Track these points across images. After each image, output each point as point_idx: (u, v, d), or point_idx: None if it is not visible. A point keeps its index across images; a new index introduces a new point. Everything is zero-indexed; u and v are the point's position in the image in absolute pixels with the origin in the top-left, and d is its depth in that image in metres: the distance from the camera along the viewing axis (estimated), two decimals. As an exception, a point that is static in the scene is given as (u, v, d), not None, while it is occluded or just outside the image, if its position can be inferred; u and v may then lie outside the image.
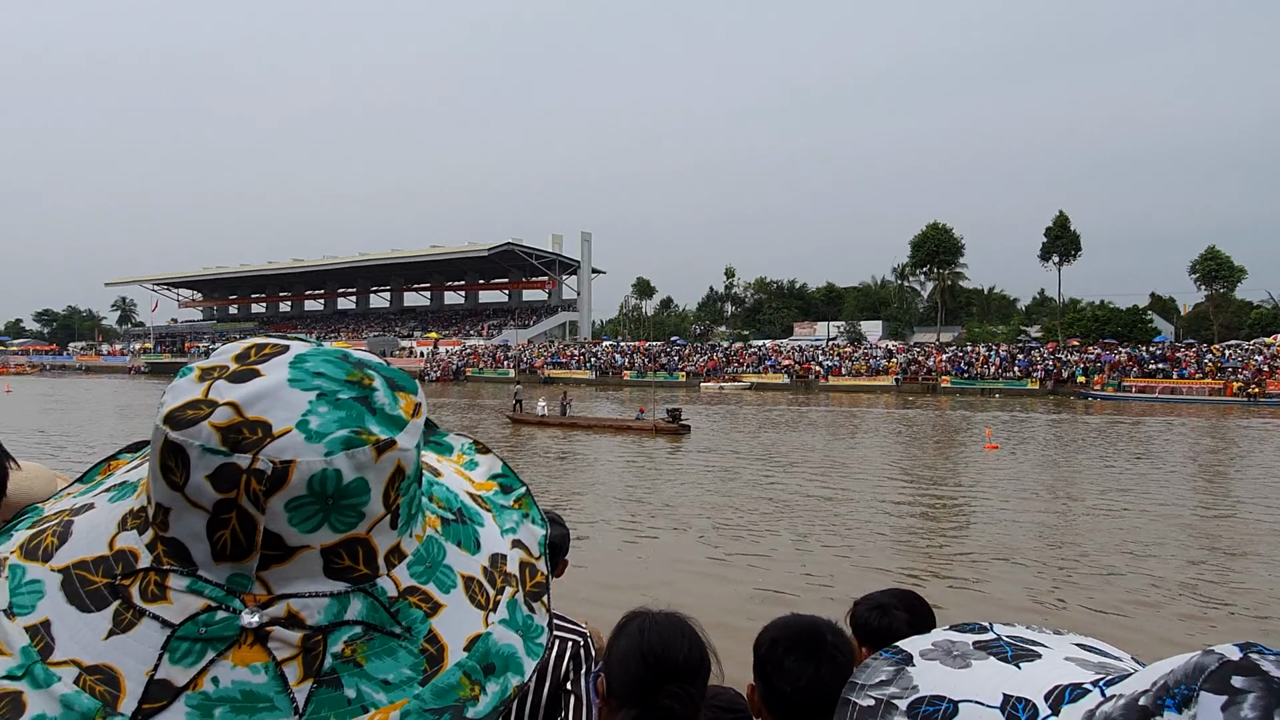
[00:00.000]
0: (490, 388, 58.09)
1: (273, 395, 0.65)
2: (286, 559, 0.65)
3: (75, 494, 0.85)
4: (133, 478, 0.79)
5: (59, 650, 0.66)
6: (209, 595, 0.65)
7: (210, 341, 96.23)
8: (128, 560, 0.68)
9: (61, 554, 0.72)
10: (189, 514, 0.65)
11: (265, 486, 0.62)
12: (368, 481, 0.66)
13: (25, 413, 34.98)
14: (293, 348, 0.71)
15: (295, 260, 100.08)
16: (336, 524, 0.65)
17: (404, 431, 0.69)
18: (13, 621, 0.68)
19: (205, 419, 0.63)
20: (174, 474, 0.64)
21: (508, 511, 0.88)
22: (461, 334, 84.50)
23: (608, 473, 19.05)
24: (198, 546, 0.65)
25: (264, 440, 0.63)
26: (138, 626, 0.65)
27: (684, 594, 8.76)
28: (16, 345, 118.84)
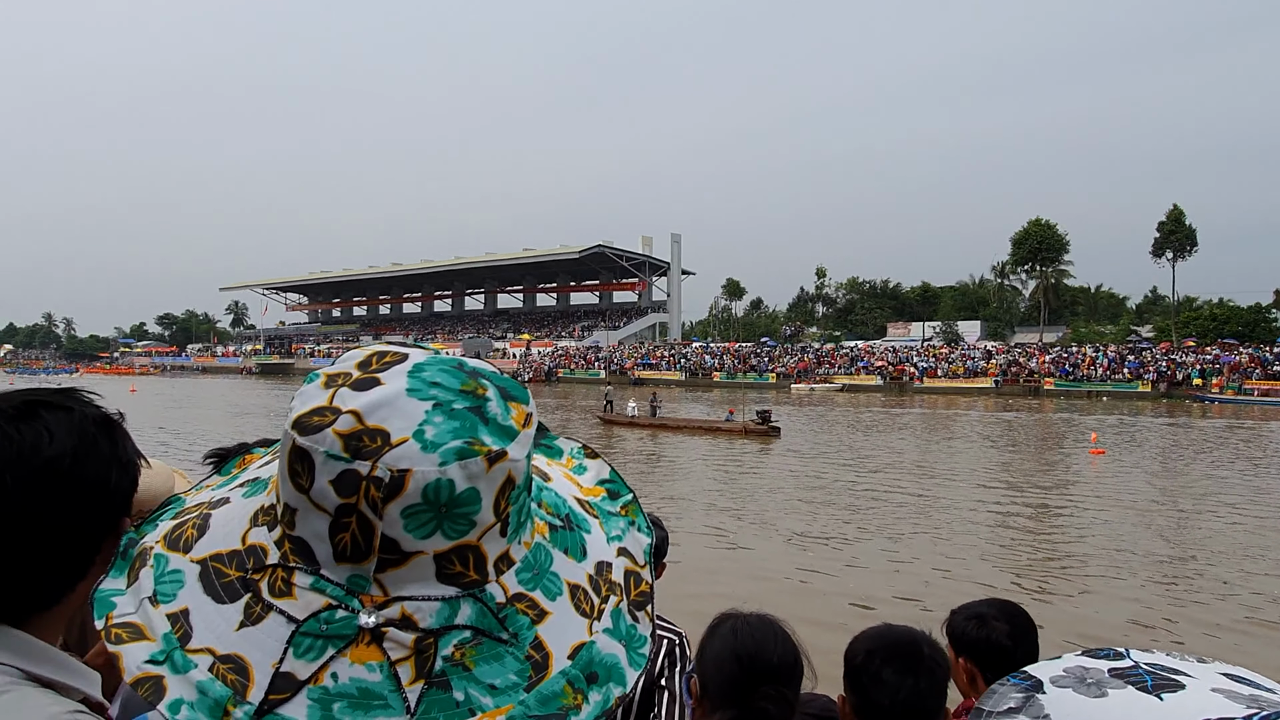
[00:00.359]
0: (581, 389, 59.17)
1: (391, 404, 0.67)
2: (402, 563, 0.67)
3: (213, 486, 0.90)
4: (264, 474, 0.83)
5: (196, 638, 0.70)
6: (330, 594, 0.68)
7: (315, 343, 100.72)
8: (258, 555, 0.73)
9: (200, 546, 0.77)
10: (313, 516, 0.68)
11: (383, 493, 0.65)
12: (479, 491, 0.68)
13: (148, 411, 37.03)
14: (411, 356, 0.73)
15: (394, 264, 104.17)
16: (449, 531, 0.68)
17: (515, 442, 0.70)
18: (156, 608, 0.74)
19: (329, 426, 0.67)
20: (300, 477, 0.68)
21: (614, 519, 0.89)
22: (553, 335, 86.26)
23: (696, 474, 19.17)
24: (321, 547, 0.69)
25: (383, 448, 0.65)
26: (266, 620, 0.69)
27: (771, 599, 9.06)
28: (140, 347, 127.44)
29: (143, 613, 0.74)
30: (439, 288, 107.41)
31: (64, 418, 0.94)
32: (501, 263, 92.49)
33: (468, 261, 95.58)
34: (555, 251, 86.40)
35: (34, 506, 0.88)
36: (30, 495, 0.88)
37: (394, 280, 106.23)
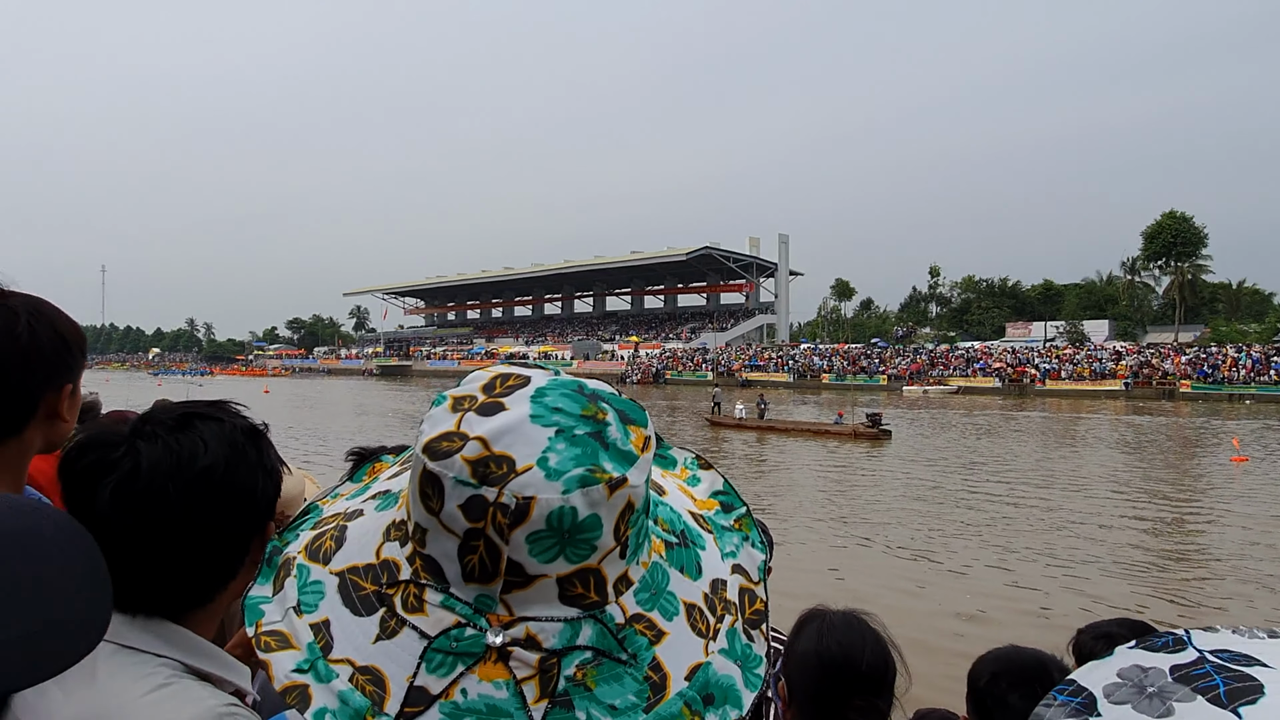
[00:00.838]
0: (689, 390, 59.72)
1: (516, 431, 0.70)
2: (527, 585, 0.69)
3: (347, 495, 0.95)
4: (394, 487, 0.86)
5: (336, 649, 0.74)
6: (459, 612, 0.71)
7: (431, 345, 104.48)
8: (391, 570, 0.76)
9: (338, 558, 0.81)
10: (443, 537, 0.71)
11: (509, 520, 0.67)
12: (600, 517, 0.69)
13: (279, 411, 38.94)
14: (533, 380, 0.76)
15: (506, 268, 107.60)
16: (571, 556, 0.69)
17: (634, 467, 0.72)
18: (300, 618, 0.77)
19: (458, 452, 0.69)
20: (431, 500, 0.71)
21: (729, 534, 0.89)
22: (661, 337, 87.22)
23: (803, 477, 19.06)
24: (450, 566, 0.72)
25: (508, 475, 0.67)
26: (400, 635, 0.72)
27: (875, 608, 8.74)
28: (272, 350, 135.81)
29: (288, 621, 0.78)
30: (549, 291, 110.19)
31: (216, 428, 1.03)
32: (609, 266, 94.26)
33: (576, 265, 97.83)
34: (662, 254, 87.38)
35: (191, 512, 0.96)
36: (188, 501, 0.96)
37: (505, 284, 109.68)
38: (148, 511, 0.95)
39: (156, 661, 0.96)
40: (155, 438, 0.99)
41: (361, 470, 1.00)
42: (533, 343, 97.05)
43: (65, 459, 1.03)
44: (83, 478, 1.00)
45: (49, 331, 1.30)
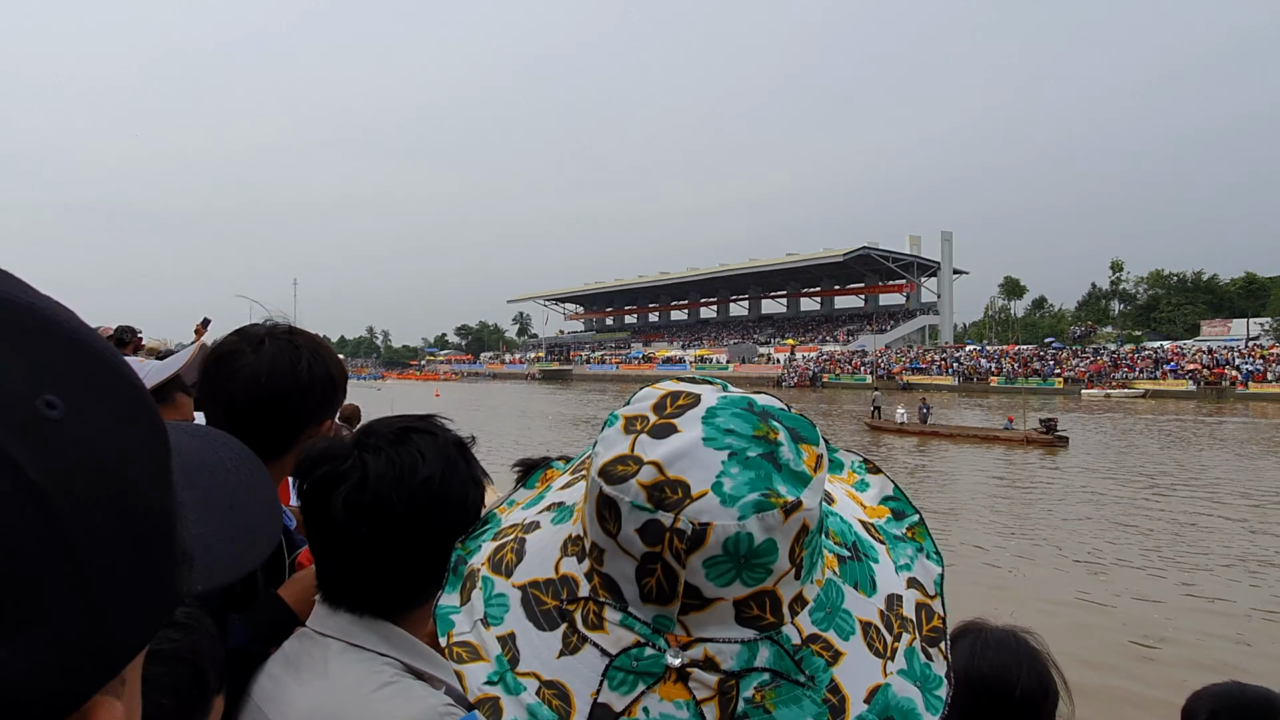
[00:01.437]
0: (847, 394, 59.01)
1: (690, 455, 0.71)
2: (704, 608, 0.70)
3: (523, 504, 0.98)
4: (568, 499, 0.88)
5: (523, 662, 0.76)
6: (639, 631, 0.72)
7: (590, 350, 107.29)
8: (570, 587, 0.78)
9: (519, 571, 0.83)
10: (620, 558, 0.72)
11: (686, 545, 0.68)
12: (776, 542, 0.70)
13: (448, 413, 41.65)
14: (703, 399, 0.76)
15: (662, 273, 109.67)
16: (747, 579, 0.70)
17: (808, 489, 0.72)
18: (487, 630, 0.80)
19: (633, 476, 0.71)
20: (608, 522, 0.72)
21: (901, 544, 0.88)
22: (818, 340, 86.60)
23: (968, 485, 18.46)
24: (628, 587, 0.73)
25: (684, 501, 0.69)
26: (582, 651, 0.74)
27: (1042, 627, 8.43)
28: (442, 356, 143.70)
29: (476, 633, 0.81)
30: (704, 294, 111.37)
31: (431, 441, 1.12)
32: (765, 268, 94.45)
33: (731, 268, 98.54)
34: (818, 255, 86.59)
35: (412, 520, 1.05)
36: (409, 510, 1.05)
37: (661, 288, 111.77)
38: (375, 519, 1.05)
39: (381, 660, 1.06)
40: (378, 450, 1.09)
41: (533, 478, 1.04)
42: (688, 346, 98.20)
43: (300, 471, 1.15)
44: (317, 488, 1.10)
45: (323, 371, 1.50)
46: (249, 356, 1.45)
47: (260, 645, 1.21)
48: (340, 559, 1.11)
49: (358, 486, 1.06)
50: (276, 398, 1.43)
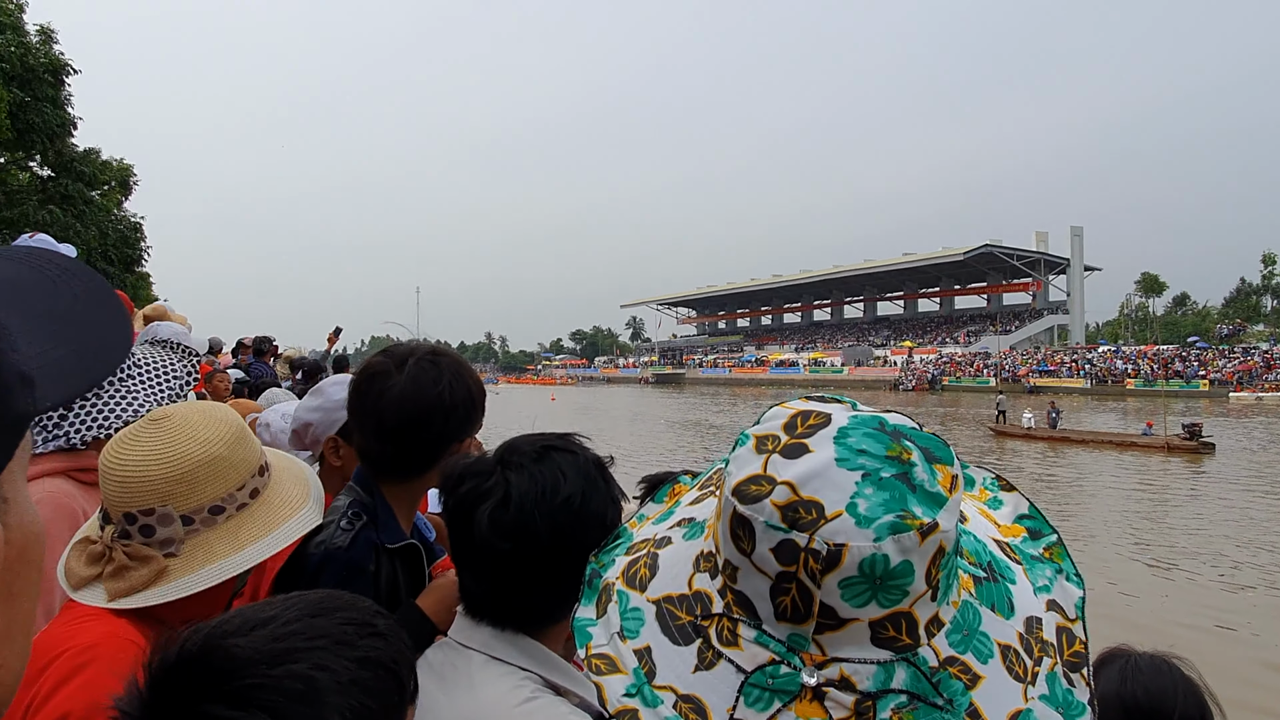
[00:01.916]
0: (969, 398, 57.20)
1: (822, 475, 0.71)
2: (839, 628, 0.70)
3: (653, 519, 1.00)
4: (698, 515, 0.89)
5: (660, 676, 0.77)
6: (773, 649, 0.72)
7: (703, 354, 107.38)
8: (704, 602, 0.78)
9: (653, 586, 0.84)
10: (754, 576, 0.73)
11: (821, 565, 0.68)
12: (912, 563, 0.69)
13: (563, 418, 41.54)
14: (834, 418, 0.76)
15: (774, 276, 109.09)
16: (883, 601, 0.70)
17: (944, 510, 0.71)
18: (624, 643, 0.81)
19: (767, 496, 0.71)
20: (742, 541, 0.73)
21: (1039, 565, 0.87)
22: (937, 342, 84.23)
23: (1102, 495, 17.51)
24: (762, 605, 0.73)
25: (818, 521, 0.69)
26: (717, 667, 0.74)
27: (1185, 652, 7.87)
28: (558, 360, 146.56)
29: (613, 645, 0.82)
30: (818, 297, 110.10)
31: (571, 460, 1.13)
32: (880, 269, 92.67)
33: (845, 269, 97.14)
34: (937, 255, 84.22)
35: (554, 537, 1.06)
36: (552, 528, 1.06)
37: (774, 291, 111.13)
38: (518, 536, 1.07)
39: (522, 675, 1.08)
40: (521, 468, 1.11)
41: (662, 492, 1.08)
42: (802, 349, 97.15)
43: (445, 486, 1.18)
44: (462, 504, 1.13)
45: (465, 392, 1.55)
46: (395, 377, 1.52)
47: None
48: (484, 574, 1.14)
49: (501, 504, 1.09)
50: (421, 417, 1.49)
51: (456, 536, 1.17)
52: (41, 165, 21.32)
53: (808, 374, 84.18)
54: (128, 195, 25.27)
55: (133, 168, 25.13)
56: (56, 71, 20.22)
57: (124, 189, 24.93)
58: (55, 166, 21.44)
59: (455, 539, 1.18)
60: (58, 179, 21.38)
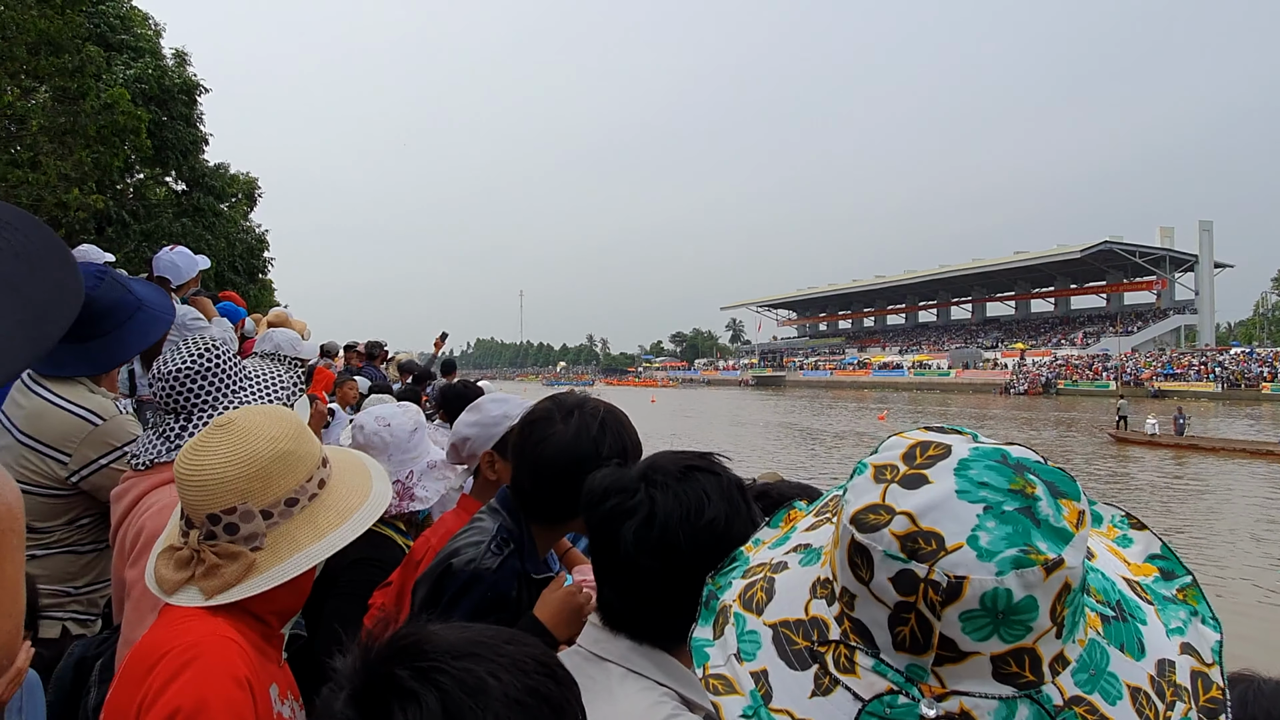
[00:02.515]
0: (1086, 402, 54.69)
1: (942, 507, 0.71)
2: (959, 660, 0.70)
3: (769, 542, 1.01)
4: (814, 541, 0.90)
5: (776, 699, 0.78)
6: (891, 679, 0.72)
7: (803, 356, 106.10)
8: (821, 629, 0.79)
9: (770, 610, 0.85)
10: (872, 605, 0.73)
11: (941, 597, 0.68)
12: (1037, 599, 0.69)
13: (664, 420, 41.95)
14: (954, 450, 0.76)
15: (877, 277, 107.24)
16: (1005, 635, 0.69)
17: (1070, 546, 0.70)
18: (741, 665, 0.82)
19: (885, 526, 0.71)
20: (860, 570, 0.73)
21: (1172, 606, 0.84)
22: (1051, 343, 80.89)
23: (1233, 508, 16.72)
24: (880, 634, 0.73)
25: (938, 553, 0.69)
26: (834, 693, 0.75)
27: None
28: (658, 363, 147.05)
29: (730, 667, 0.83)
30: (923, 298, 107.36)
31: (715, 482, 1.15)
32: (990, 268, 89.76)
33: (952, 269, 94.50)
34: (1051, 252, 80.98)
35: (697, 557, 1.06)
36: (695, 548, 1.08)
37: (877, 292, 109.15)
38: (662, 555, 1.10)
39: (661, 691, 1.10)
40: (665, 487, 1.13)
41: (777, 517, 1.07)
42: (906, 351, 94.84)
43: (589, 501, 1.20)
44: (607, 520, 1.15)
45: (620, 445, 1.62)
46: (559, 426, 1.61)
47: None
48: (625, 589, 1.17)
49: (646, 522, 1.11)
50: (575, 468, 1.51)
51: (600, 551, 1.20)
52: (176, 180, 22.77)
53: (912, 377, 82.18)
54: (253, 207, 26.78)
55: (257, 181, 26.60)
56: (190, 91, 21.67)
57: (250, 201, 26.41)
58: (188, 181, 22.90)
59: (598, 553, 1.21)
60: (190, 193, 22.83)
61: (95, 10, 18.21)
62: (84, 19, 14.26)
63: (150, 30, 21.67)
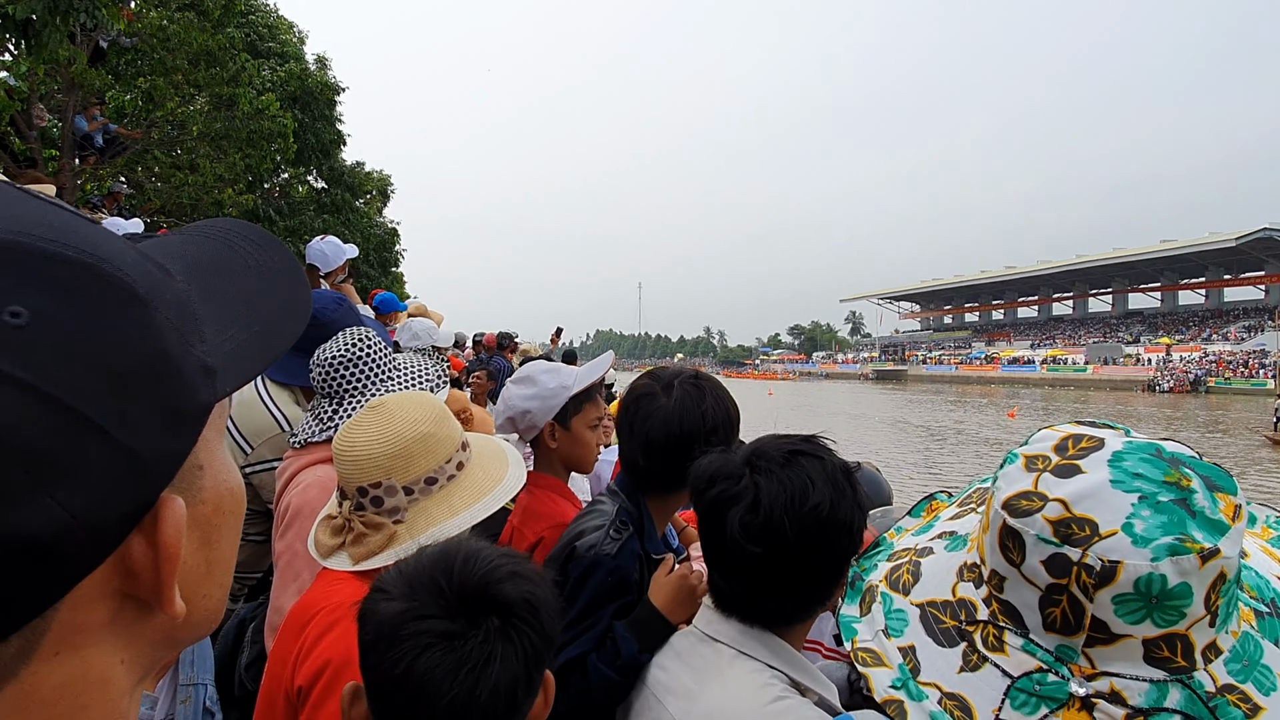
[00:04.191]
0: (1240, 401, 50.73)
1: (1096, 495, 0.73)
2: (1110, 643, 0.72)
3: (912, 530, 1.04)
4: (960, 529, 0.93)
5: (924, 673, 0.82)
6: (1040, 658, 0.75)
7: (927, 350, 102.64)
8: (969, 609, 0.82)
9: (916, 591, 0.89)
10: (1023, 587, 0.76)
11: (1094, 580, 0.70)
12: (1191, 586, 0.70)
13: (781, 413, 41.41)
14: (1108, 443, 0.78)
15: (1007, 267, 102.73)
16: (1158, 620, 0.70)
17: (1226, 538, 0.71)
18: (888, 640, 0.87)
19: (1038, 511, 0.74)
20: (1011, 553, 0.76)
21: None
22: (1201, 338, 75.62)
23: None
24: (1030, 615, 0.76)
25: (1092, 538, 0.71)
26: (982, 670, 0.78)
27: None
28: (775, 355, 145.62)
29: (878, 641, 0.87)
30: (1057, 289, 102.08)
31: (819, 466, 1.14)
32: (1133, 258, 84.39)
33: (1091, 259, 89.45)
34: (1203, 241, 75.46)
35: (803, 543, 1.08)
36: (801, 534, 1.08)
37: (1007, 284, 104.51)
38: (768, 541, 1.10)
39: (770, 673, 1.11)
40: (770, 473, 1.14)
41: (919, 507, 1.11)
42: (1038, 346, 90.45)
43: (695, 487, 1.23)
44: (713, 506, 1.17)
45: (724, 413, 1.67)
46: (662, 399, 1.66)
47: (647, 655, 1.38)
48: (733, 574, 1.18)
49: (751, 509, 1.12)
50: (685, 437, 1.60)
51: (707, 537, 1.22)
52: (317, 179, 23.87)
53: (1044, 372, 78.49)
54: (386, 203, 27.93)
55: (390, 178, 27.69)
56: (330, 93, 22.70)
57: (384, 197, 27.49)
58: (327, 179, 23.75)
59: (706, 539, 1.23)
60: (330, 189, 23.79)
61: (245, 20, 19.46)
62: (238, 31, 15.29)
63: (294, 38, 22.96)
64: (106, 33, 9.88)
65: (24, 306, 0.36)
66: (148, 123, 12.27)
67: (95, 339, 0.38)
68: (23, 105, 9.57)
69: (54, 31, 6.63)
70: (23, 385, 0.35)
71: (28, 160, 9.78)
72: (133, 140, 11.95)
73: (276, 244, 0.57)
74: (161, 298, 0.43)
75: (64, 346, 0.37)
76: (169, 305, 0.43)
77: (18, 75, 9.11)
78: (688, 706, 1.17)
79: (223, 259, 0.53)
